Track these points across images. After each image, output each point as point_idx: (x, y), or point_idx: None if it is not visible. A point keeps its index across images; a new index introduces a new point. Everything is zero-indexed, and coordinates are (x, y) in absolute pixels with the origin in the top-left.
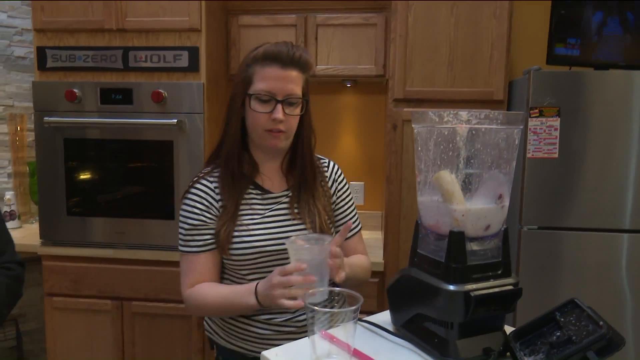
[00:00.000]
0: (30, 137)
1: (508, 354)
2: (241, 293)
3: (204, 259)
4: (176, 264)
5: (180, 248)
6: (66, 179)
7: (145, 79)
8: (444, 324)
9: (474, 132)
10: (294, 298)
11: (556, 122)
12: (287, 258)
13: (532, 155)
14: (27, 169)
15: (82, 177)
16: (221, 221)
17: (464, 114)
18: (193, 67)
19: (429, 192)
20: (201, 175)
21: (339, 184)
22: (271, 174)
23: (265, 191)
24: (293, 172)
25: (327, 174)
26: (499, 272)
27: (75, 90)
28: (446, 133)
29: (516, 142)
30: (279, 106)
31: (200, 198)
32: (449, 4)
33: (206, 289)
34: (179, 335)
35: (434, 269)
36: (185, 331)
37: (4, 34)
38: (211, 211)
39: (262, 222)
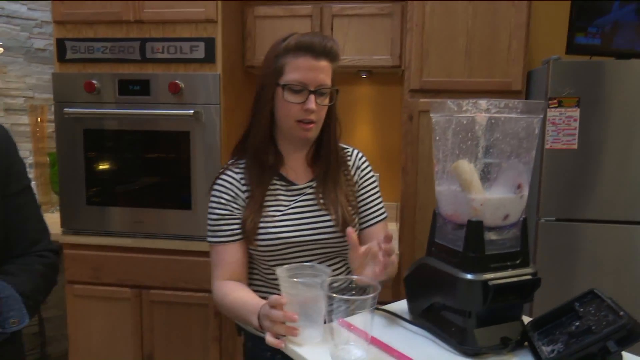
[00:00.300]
0: (50, 128)
1: (526, 343)
2: (248, 308)
3: (231, 249)
4: (193, 253)
5: (209, 239)
6: (86, 169)
7: (162, 70)
8: (462, 313)
9: (493, 121)
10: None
11: (576, 112)
12: (314, 249)
13: (551, 146)
14: (48, 159)
15: (101, 167)
16: (247, 212)
17: (483, 102)
18: (209, 58)
19: (447, 181)
20: (227, 166)
21: (362, 171)
22: (296, 165)
23: (290, 182)
24: (318, 163)
25: (350, 163)
26: (518, 261)
27: (94, 82)
28: (465, 122)
29: (536, 132)
30: (312, 96)
31: (227, 189)
32: None
33: (228, 289)
34: (196, 323)
35: (451, 258)
36: (202, 319)
37: (24, 26)
38: (237, 202)
39: (288, 213)
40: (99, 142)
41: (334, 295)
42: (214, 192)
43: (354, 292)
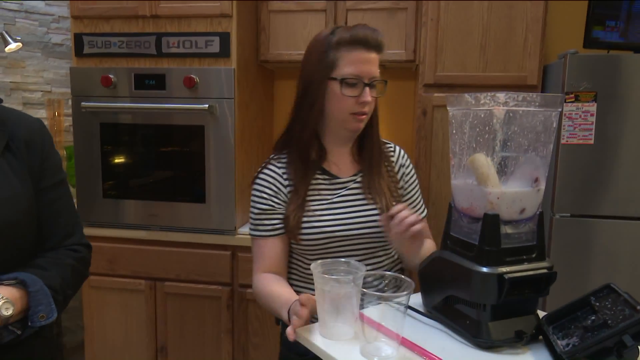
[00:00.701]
0: (67, 122)
1: (540, 337)
2: (281, 301)
3: (271, 243)
4: (206, 246)
5: (251, 232)
6: (102, 162)
7: (177, 65)
8: (477, 306)
9: (511, 114)
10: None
11: (592, 107)
12: (357, 243)
13: (567, 141)
14: (65, 152)
15: (116, 160)
16: (291, 207)
17: (501, 95)
18: (224, 52)
19: (464, 175)
20: (269, 160)
21: (406, 168)
22: (339, 160)
23: (332, 176)
24: (362, 156)
25: (394, 159)
26: (533, 255)
27: (111, 76)
28: (482, 115)
29: (554, 125)
30: (367, 89)
31: (269, 183)
32: None
33: (265, 282)
34: (209, 315)
35: (467, 252)
36: (215, 311)
37: (42, 21)
38: (279, 196)
39: (331, 207)
40: (115, 136)
41: (367, 291)
42: (255, 187)
43: (386, 289)
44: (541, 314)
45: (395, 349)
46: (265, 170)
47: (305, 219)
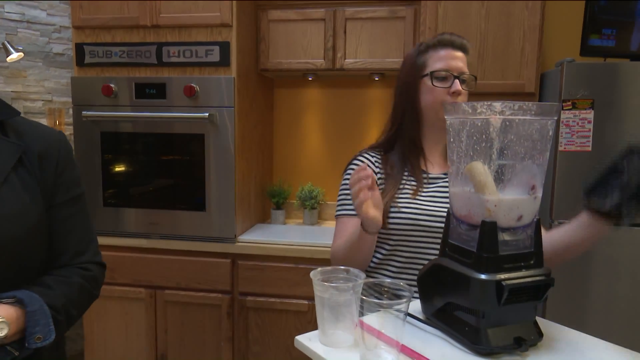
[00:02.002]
0: (68, 130)
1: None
2: (356, 231)
3: (354, 222)
4: (207, 254)
5: (336, 213)
6: (103, 171)
7: (178, 74)
8: (476, 313)
9: (507, 123)
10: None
11: (590, 114)
12: (434, 232)
13: (565, 148)
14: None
15: (117, 169)
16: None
17: (497, 105)
18: (224, 61)
19: (461, 182)
20: (362, 152)
21: None
22: (433, 157)
23: (423, 172)
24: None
25: None
26: (531, 262)
27: (112, 85)
28: (479, 124)
29: (550, 134)
30: (457, 81)
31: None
32: None
33: (340, 241)
34: (209, 323)
35: (465, 259)
36: (215, 320)
37: (43, 31)
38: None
39: (418, 198)
40: (116, 145)
41: (366, 299)
42: (347, 171)
43: (385, 296)
44: (540, 320)
45: (395, 356)
46: (359, 157)
47: (393, 206)
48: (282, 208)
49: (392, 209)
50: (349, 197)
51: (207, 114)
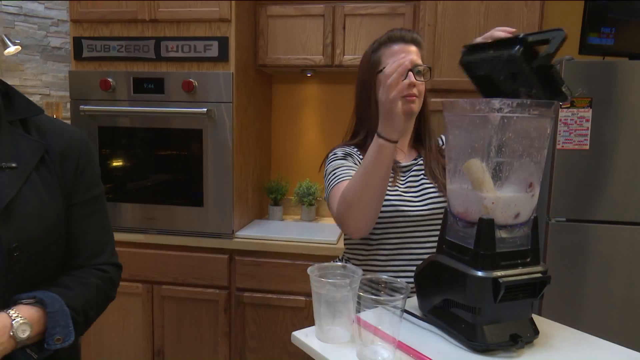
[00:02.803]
0: None
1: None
2: (368, 152)
3: None
4: (204, 249)
5: (328, 188)
6: (100, 165)
7: (176, 69)
8: (472, 310)
9: (505, 120)
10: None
11: (588, 112)
12: (420, 221)
13: (562, 146)
14: None
15: (115, 164)
16: None
17: (496, 102)
18: (223, 57)
19: (459, 180)
20: (341, 144)
21: None
22: (402, 147)
23: (396, 162)
24: (418, 142)
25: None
26: (528, 259)
27: (110, 80)
28: (477, 121)
29: (548, 131)
30: (410, 73)
31: (345, 153)
32: None
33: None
34: (206, 318)
35: (462, 256)
36: (212, 315)
37: (41, 25)
38: (354, 159)
39: (397, 187)
40: (114, 140)
41: (363, 295)
42: (331, 156)
43: (382, 293)
44: (537, 317)
45: (391, 352)
46: (339, 150)
47: None
48: (279, 204)
49: None
50: (339, 168)
51: (206, 109)
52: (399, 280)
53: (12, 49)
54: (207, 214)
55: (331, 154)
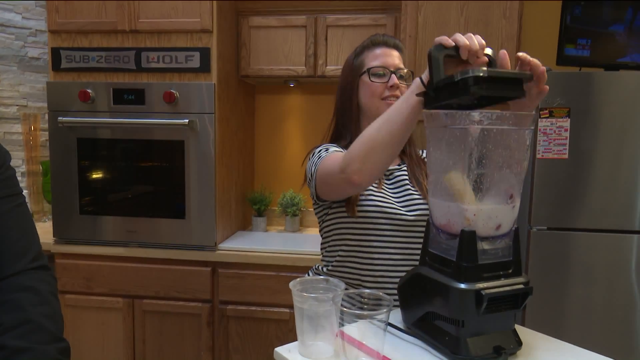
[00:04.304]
0: (43, 136)
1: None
2: (401, 97)
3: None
4: (187, 262)
5: (317, 162)
6: (79, 178)
7: (157, 80)
8: (455, 322)
9: (485, 132)
10: None
11: (566, 122)
12: (404, 224)
13: (542, 155)
14: (40, 168)
15: (94, 176)
16: None
17: (475, 114)
18: (204, 67)
19: (441, 191)
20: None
21: None
22: None
23: None
24: (401, 153)
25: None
26: (510, 271)
27: (89, 91)
28: (458, 133)
29: (527, 143)
30: (393, 75)
31: (330, 144)
32: (459, 5)
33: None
34: (189, 333)
35: (445, 268)
36: (195, 329)
37: (18, 35)
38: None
39: (382, 189)
40: (93, 151)
41: (346, 310)
42: (317, 148)
43: (365, 307)
44: (520, 328)
45: None
46: (331, 145)
47: (361, 196)
48: (263, 215)
49: (361, 197)
50: (329, 147)
51: (187, 121)
52: (381, 294)
53: None
54: (190, 226)
55: (316, 148)
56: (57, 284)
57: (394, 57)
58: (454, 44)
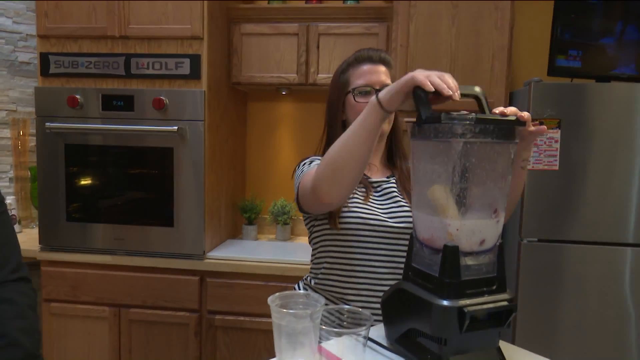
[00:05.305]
0: (32, 142)
1: None
2: (361, 115)
3: None
4: (175, 271)
5: (300, 176)
6: (66, 184)
7: (147, 86)
8: (437, 340)
9: (468, 145)
10: None
11: (557, 134)
12: (390, 236)
13: (532, 167)
14: (29, 173)
15: (82, 182)
16: None
17: (458, 127)
18: (194, 74)
19: (424, 205)
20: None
21: None
22: (374, 163)
23: (367, 177)
24: (391, 163)
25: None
26: (494, 287)
27: (77, 97)
28: (441, 147)
29: (512, 157)
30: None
31: (316, 158)
32: (450, 15)
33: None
34: (176, 343)
35: (427, 284)
36: (182, 339)
37: (8, 39)
38: None
39: (369, 202)
40: (81, 157)
41: (325, 327)
42: (303, 162)
43: (345, 323)
44: (504, 345)
45: None
46: (313, 156)
47: (344, 208)
48: (254, 223)
49: (343, 210)
50: (315, 163)
51: (176, 128)
52: (361, 310)
53: None
54: (178, 235)
55: (303, 160)
56: (38, 296)
57: (379, 74)
58: (433, 88)
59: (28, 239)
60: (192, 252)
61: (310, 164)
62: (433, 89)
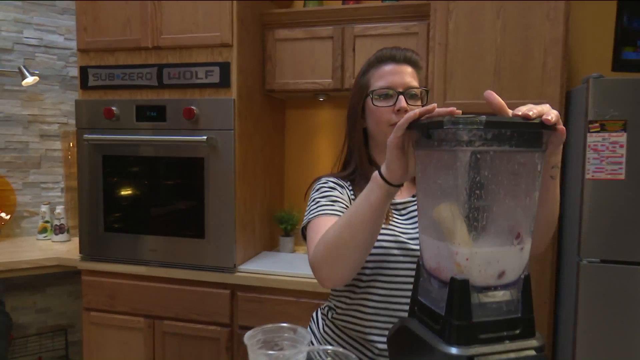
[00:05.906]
0: None
1: None
2: (362, 194)
3: (332, 220)
4: (205, 284)
5: (310, 216)
6: (104, 195)
7: (178, 96)
8: None
9: (479, 155)
10: None
11: (622, 137)
12: (412, 261)
13: (593, 176)
14: (77, 184)
15: (118, 193)
16: None
17: (464, 133)
18: (224, 82)
19: (430, 228)
20: (330, 174)
21: None
22: None
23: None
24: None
25: None
26: (517, 331)
27: (113, 108)
28: (446, 157)
29: (538, 168)
30: (401, 97)
31: (335, 184)
32: (495, 6)
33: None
34: (208, 356)
35: (434, 324)
36: (213, 353)
37: (60, 55)
38: (344, 195)
39: (390, 226)
40: (117, 169)
41: None
42: (317, 184)
43: None
44: None
45: None
46: (330, 179)
47: None
48: (291, 235)
49: None
50: (324, 200)
51: (206, 137)
52: (347, 352)
53: (29, 80)
54: (208, 246)
55: (318, 183)
56: (78, 305)
57: (403, 75)
58: (417, 114)
59: (74, 247)
60: (223, 265)
61: (319, 202)
62: (417, 115)
